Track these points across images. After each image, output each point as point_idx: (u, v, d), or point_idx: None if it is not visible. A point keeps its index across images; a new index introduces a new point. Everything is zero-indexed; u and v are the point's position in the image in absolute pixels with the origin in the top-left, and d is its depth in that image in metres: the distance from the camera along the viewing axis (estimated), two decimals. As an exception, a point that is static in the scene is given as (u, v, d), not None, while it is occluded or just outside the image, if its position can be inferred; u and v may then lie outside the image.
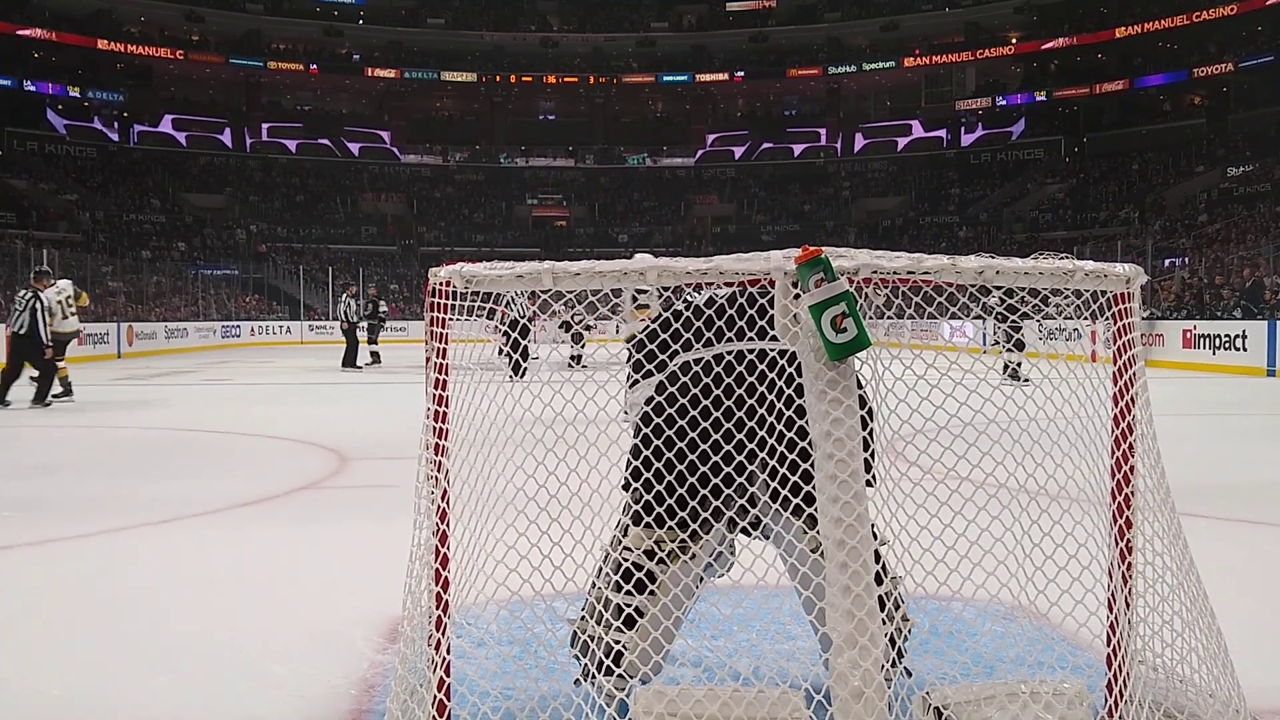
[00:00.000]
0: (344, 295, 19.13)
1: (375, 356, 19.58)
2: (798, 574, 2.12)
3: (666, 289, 1.95)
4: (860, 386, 1.80)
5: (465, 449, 1.97)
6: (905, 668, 2.19)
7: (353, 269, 42.94)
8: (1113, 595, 2.03)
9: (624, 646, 2.12)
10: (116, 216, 44.40)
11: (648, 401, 2.20)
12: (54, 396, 11.09)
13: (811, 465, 1.68)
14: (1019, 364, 11.63)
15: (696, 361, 2.18)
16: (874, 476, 1.92)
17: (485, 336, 2.01)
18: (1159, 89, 46.64)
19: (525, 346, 12.98)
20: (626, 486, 2.23)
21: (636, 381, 2.32)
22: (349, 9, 54.69)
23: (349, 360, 18.63)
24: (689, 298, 2.32)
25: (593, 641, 2.16)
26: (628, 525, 2.23)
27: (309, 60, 53.32)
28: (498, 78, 55.38)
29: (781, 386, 1.96)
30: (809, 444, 1.72)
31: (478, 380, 2.00)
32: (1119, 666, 1.94)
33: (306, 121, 55.37)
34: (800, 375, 1.72)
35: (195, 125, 53.30)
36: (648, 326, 2.31)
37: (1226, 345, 17.01)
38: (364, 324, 19.31)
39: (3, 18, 44.40)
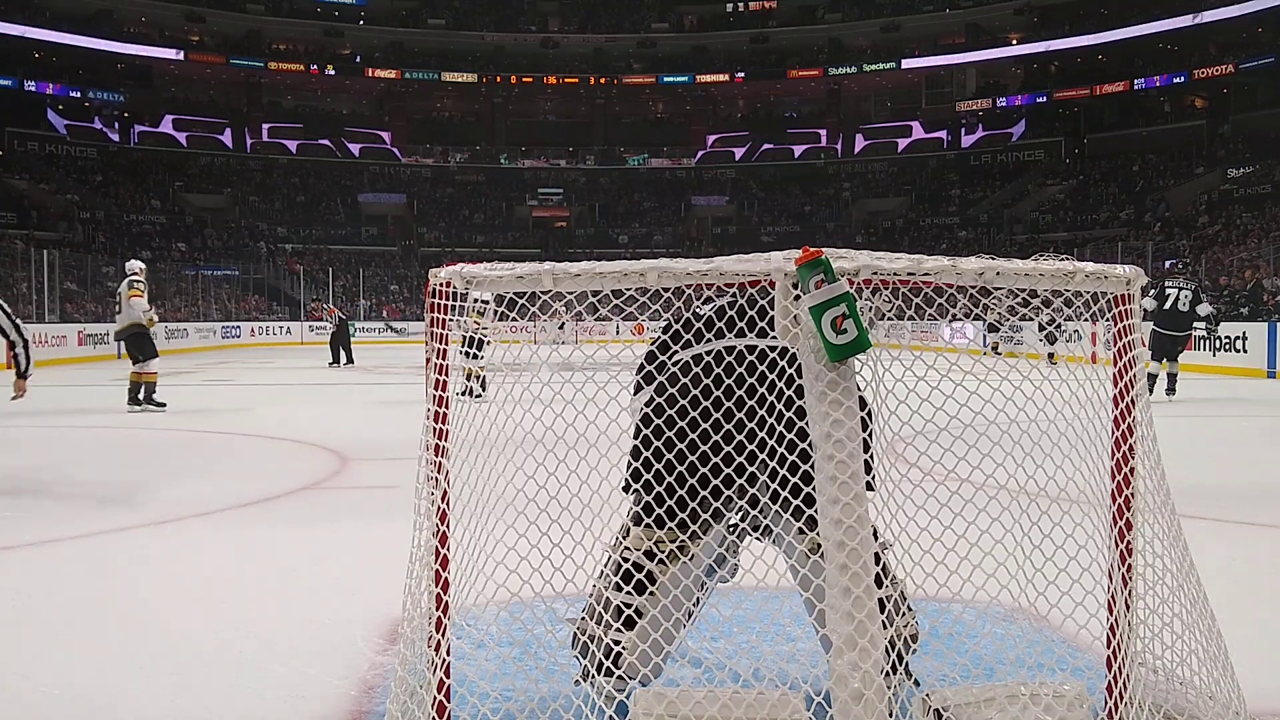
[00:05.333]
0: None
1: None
2: (798, 575, 2.12)
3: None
4: (859, 388, 1.80)
5: (465, 449, 1.97)
6: (906, 668, 2.19)
7: (353, 269, 43.00)
8: (1113, 597, 2.02)
9: (623, 647, 2.12)
10: (117, 216, 44.39)
11: (648, 403, 2.20)
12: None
13: (811, 466, 1.68)
14: None
15: (696, 361, 2.17)
16: (873, 478, 1.91)
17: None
18: (1159, 90, 46.64)
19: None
20: (627, 488, 2.23)
21: (641, 386, 2.32)
22: (350, 9, 54.70)
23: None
24: (698, 309, 2.32)
25: (592, 642, 2.16)
26: (628, 526, 2.22)
27: (309, 60, 53.32)
28: (498, 78, 55.37)
29: (781, 387, 1.96)
30: (809, 445, 1.72)
31: (477, 380, 2.00)
32: (1119, 668, 1.94)
33: (307, 122, 55.35)
34: (800, 375, 1.72)
35: (195, 125, 53.29)
36: (657, 337, 2.32)
37: (1227, 347, 17.01)
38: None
39: (3, 17, 44.41)
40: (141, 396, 10.80)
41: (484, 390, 11.29)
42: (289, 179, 53.25)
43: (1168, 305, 11.77)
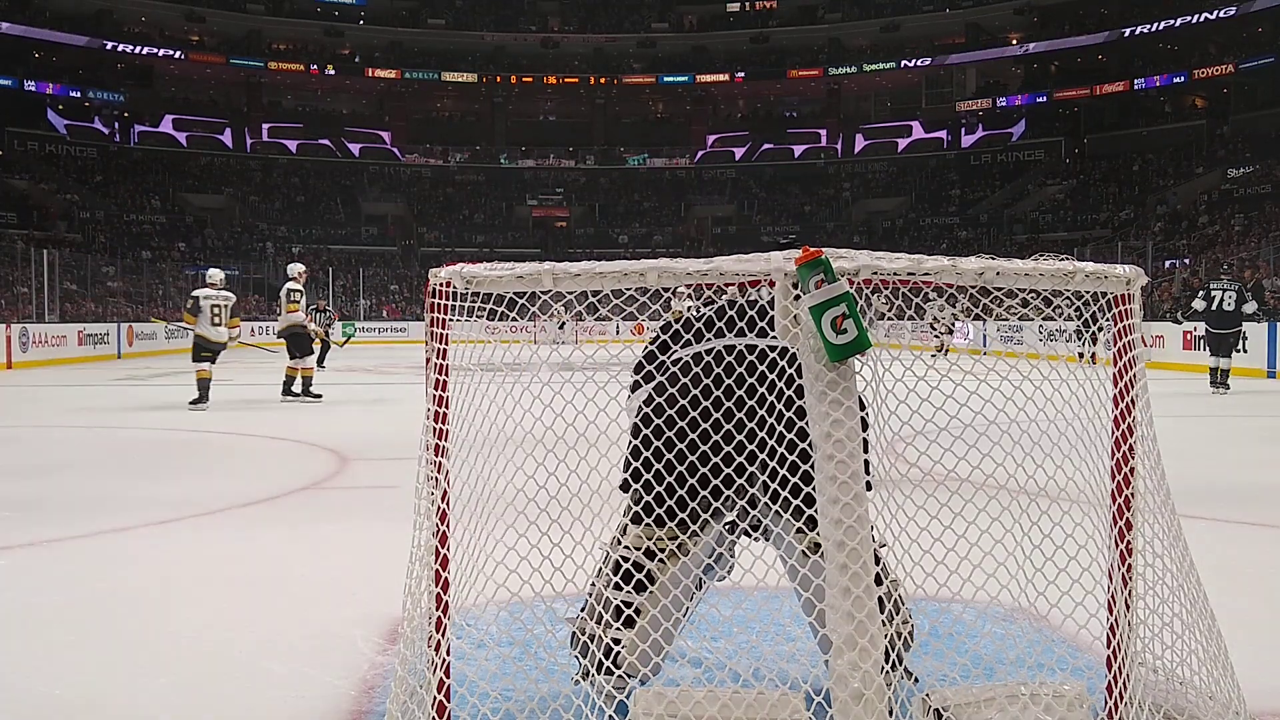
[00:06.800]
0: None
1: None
2: (797, 575, 2.12)
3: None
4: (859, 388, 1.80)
5: (465, 449, 1.97)
6: (906, 668, 2.19)
7: (353, 269, 42.96)
8: (1113, 597, 2.02)
9: (623, 646, 2.12)
10: (117, 216, 44.37)
11: (647, 401, 2.20)
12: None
13: (811, 466, 1.68)
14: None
15: (695, 360, 2.18)
16: (872, 478, 1.91)
17: (482, 336, 2.01)
18: (1159, 90, 46.63)
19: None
20: (626, 487, 2.23)
21: (639, 385, 2.32)
22: (350, 9, 54.67)
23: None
24: (698, 309, 2.32)
25: (592, 641, 2.16)
26: (627, 525, 2.23)
27: (309, 60, 53.29)
28: (498, 78, 55.35)
29: (781, 387, 1.96)
30: (808, 445, 1.72)
31: (478, 380, 2.00)
32: (1119, 668, 1.94)
33: (307, 122, 55.33)
34: (800, 375, 1.72)
35: (195, 125, 53.26)
36: (657, 336, 2.32)
37: (1227, 347, 16.99)
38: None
39: (3, 17, 44.39)
40: (297, 389, 11.92)
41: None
42: (289, 179, 53.23)
43: (1214, 306, 12.77)
